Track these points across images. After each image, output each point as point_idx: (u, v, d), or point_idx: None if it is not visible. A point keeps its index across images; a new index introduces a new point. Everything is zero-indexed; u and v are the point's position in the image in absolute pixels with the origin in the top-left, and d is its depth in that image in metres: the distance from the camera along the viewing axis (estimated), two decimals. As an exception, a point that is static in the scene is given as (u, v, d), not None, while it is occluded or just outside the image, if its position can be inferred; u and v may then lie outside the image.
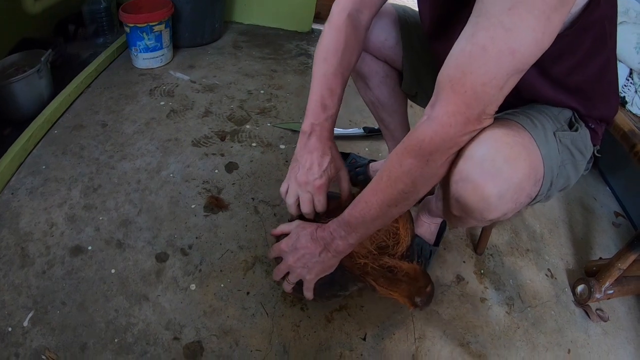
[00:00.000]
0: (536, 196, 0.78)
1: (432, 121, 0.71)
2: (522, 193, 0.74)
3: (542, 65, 0.75)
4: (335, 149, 1.01)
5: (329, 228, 0.92)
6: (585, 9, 0.73)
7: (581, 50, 0.78)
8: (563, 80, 0.82)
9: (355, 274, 0.99)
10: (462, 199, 0.76)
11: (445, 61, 0.69)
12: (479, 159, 0.71)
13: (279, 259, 1.01)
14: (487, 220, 0.79)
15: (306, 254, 0.94)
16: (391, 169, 0.80)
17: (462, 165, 0.74)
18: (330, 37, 0.96)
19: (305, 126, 0.98)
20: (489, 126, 0.72)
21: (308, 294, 0.99)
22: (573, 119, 0.86)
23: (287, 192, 1.01)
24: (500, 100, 0.68)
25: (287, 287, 1.00)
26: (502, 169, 0.71)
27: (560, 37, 0.68)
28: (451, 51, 0.68)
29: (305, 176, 0.97)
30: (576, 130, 0.84)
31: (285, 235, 1.01)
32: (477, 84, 0.64)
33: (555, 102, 0.85)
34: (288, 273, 0.99)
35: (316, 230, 0.94)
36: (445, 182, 0.81)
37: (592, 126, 0.90)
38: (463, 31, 0.66)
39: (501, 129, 0.73)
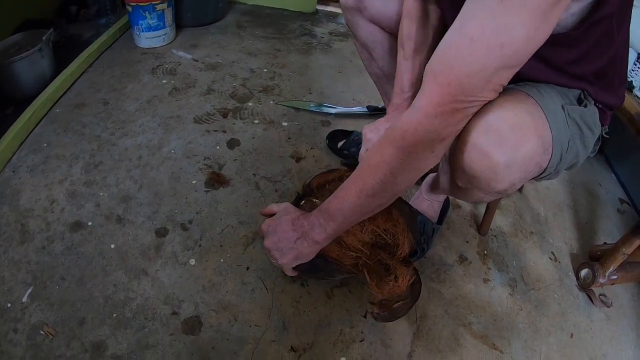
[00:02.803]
0: (546, 167, 0.77)
1: (417, 111, 0.70)
2: (531, 162, 0.73)
3: (542, 55, 0.72)
4: None
5: (310, 217, 0.92)
6: (594, 5, 0.70)
7: (583, 47, 0.76)
8: (567, 70, 0.80)
9: (345, 265, 0.99)
10: (469, 168, 0.75)
11: (434, 52, 0.67)
12: (486, 126, 0.70)
13: None
14: (494, 191, 0.78)
15: (282, 238, 0.95)
16: (372, 157, 0.79)
17: (470, 133, 0.73)
18: (402, 26, 1.02)
19: (390, 106, 1.11)
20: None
21: (288, 273, 1.01)
22: (582, 96, 0.83)
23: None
24: (487, 93, 0.67)
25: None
26: (509, 137, 0.70)
27: (566, 35, 0.68)
28: (440, 43, 0.66)
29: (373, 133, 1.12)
30: (585, 106, 0.82)
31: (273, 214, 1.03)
32: (462, 76, 0.63)
33: (561, 85, 0.83)
34: None
35: (298, 217, 0.95)
36: (452, 152, 0.80)
37: (600, 106, 0.88)
38: (453, 23, 0.65)
39: (510, 98, 0.71)
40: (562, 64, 0.79)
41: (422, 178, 1.40)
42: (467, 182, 0.80)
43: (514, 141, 0.70)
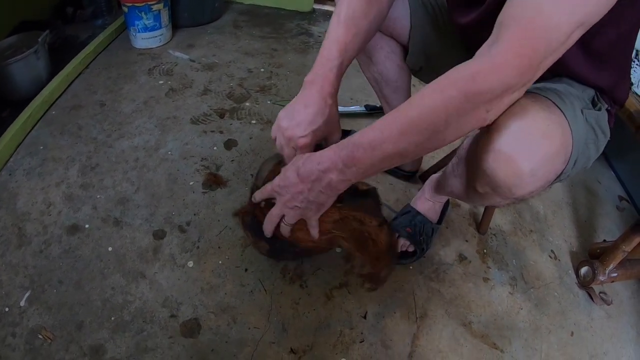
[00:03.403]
0: (561, 173, 0.75)
1: (493, 57, 0.62)
2: (553, 170, 0.71)
3: (584, 38, 0.68)
4: (335, 107, 0.91)
5: (317, 158, 0.80)
6: None
7: (624, 23, 0.74)
8: (599, 52, 0.78)
9: (321, 247, 0.95)
10: (493, 173, 0.72)
11: (509, 1, 0.63)
12: (514, 131, 0.67)
13: (250, 231, 0.98)
14: (514, 197, 0.75)
15: (297, 193, 0.83)
16: (425, 97, 0.68)
17: (496, 136, 0.69)
18: None
19: (308, 76, 0.89)
20: (520, 100, 0.67)
21: (314, 231, 0.90)
22: (596, 98, 0.83)
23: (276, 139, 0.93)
24: (561, 53, 0.62)
25: (285, 230, 0.91)
26: (538, 143, 0.67)
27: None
28: None
29: (292, 131, 0.87)
30: (599, 109, 0.81)
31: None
32: (550, 25, 0.59)
33: (583, 77, 0.82)
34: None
35: (304, 163, 0.81)
36: (472, 155, 0.77)
37: (608, 108, 0.88)
38: None
39: (535, 103, 0.69)
40: (600, 47, 0.77)
41: (424, 179, 1.40)
42: (488, 187, 0.77)
43: (542, 149, 0.68)
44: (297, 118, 0.88)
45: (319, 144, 0.91)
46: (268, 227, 0.91)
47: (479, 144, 0.74)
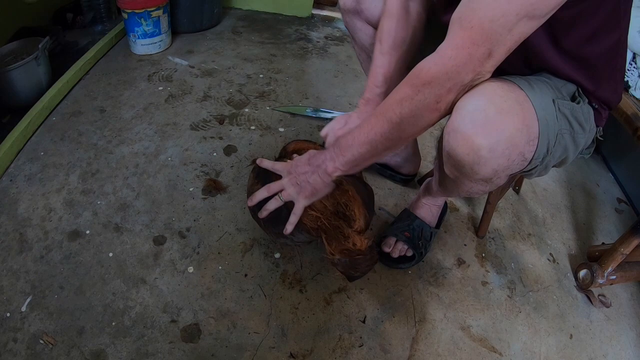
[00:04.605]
0: (531, 160, 0.77)
1: (436, 53, 0.71)
2: (514, 149, 0.73)
3: (554, 33, 0.74)
4: None
5: (325, 152, 0.95)
6: None
7: (594, 22, 0.76)
8: (574, 51, 0.80)
9: (305, 224, 1.00)
10: (453, 152, 0.76)
11: (461, 1, 0.69)
12: (470, 110, 0.72)
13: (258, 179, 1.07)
14: (479, 177, 0.79)
15: (300, 173, 0.98)
16: (389, 96, 0.81)
17: (454, 117, 0.74)
18: (382, 23, 1.04)
19: (362, 99, 1.10)
20: (483, 81, 0.72)
21: (294, 218, 0.99)
22: (576, 94, 0.84)
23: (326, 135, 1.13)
24: (509, 45, 0.67)
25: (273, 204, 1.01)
26: (494, 120, 0.71)
27: (574, 3, 0.67)
28: None
29: (342, 132, 1.07)
30: (578, 103, 0.82)
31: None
32: (484, 20, 0.64)
33: (562, 73, 0.83)
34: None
35: (315, 155, 0.98)
36: (441, 142, 0.81)
37: (596, 106, 0.88)
38: None
39: (495, 83, 0.72)
40: (572, 45, 0.79)
41: (421, 182, 1.41)
42: (454, 168, 0.81)
43: (499, 125, 0.71)
44: (350, 125, 1.09)
45: None
46: (262, 193, 1.02)
47: (444, 129, 0.78)
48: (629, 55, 1.35)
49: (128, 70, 1.91)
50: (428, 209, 1.23)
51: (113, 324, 1.01)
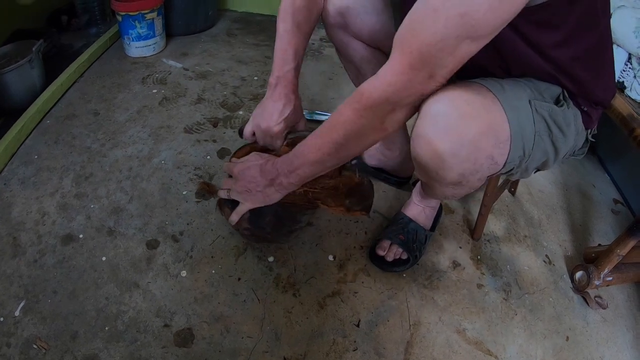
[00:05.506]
0: (505, 163, 0.77)
1: (376, 78, 0.71)
2: (481, 153, 0.73)
3: (527, 35, 0.73)
4: (298, 100, 1.06)
5: (276, 164, 0.95)
6: None
7: (567, 25, 0.74)
8: (551, 54, 0.78)
9: (300, 204, 1.02)
10: (418, 157, 0.77)
11: (402, 22, 0.68)
12: (433, 114, 0.72)
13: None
14: (446, 182, 0.79)
15: (251, 182, 0.99)
16: (333, 117, 0.81)
17: (418, 122, 0.74)
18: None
19: (272, 79, 1.03)
20: (448, 85, 0.71)
21: (235, 217, 1.03)
22: (561, 97, 0.82)
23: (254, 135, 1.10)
24: (452, 66, 0.66)
25: (222, 193, 1.06)
26: (456, 125, 0.71)
27: (542, 7, 0.66)
28: (408, 13, 0.66)
29: (267, 122, 1.04)
30: (561, 106, 0.81)
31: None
32: (422, 45, 0.63)
33: (545, 77, 0.82)
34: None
35: (266, 163, 0.98)
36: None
37: (585, 109, 0.87)
38: None
39: (460, 88, 0.72)
40: (549, 46, 0.77)
41: (415, 183, 1.40)
42: (423, 173, 0.82)
43: (461, 130, 0.70)
44: (269, 111, 1.04)
45: (289, 132, 1.10)
46: (221, 193, 1.07)
47: (411, 134, 0.79)
48: (625, 56, 1.35)
49: (122, 73, 1.90)
50: (421, 210, 1.23)
51: (106, 328, 1.00)
